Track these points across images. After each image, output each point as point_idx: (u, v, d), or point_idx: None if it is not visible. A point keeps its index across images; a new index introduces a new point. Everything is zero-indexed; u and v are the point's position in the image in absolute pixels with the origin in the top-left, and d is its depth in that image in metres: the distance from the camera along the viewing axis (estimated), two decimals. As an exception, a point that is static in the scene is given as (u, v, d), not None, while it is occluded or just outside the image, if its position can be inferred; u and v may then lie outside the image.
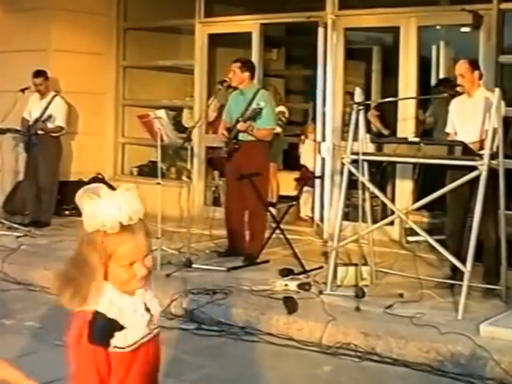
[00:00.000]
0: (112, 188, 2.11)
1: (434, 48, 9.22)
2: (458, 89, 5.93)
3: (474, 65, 6.01)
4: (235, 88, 7.09)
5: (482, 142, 5.64)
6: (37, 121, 8.60)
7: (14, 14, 9.76)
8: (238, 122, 6.84)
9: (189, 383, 4.49)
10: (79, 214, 2.07)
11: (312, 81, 8.76)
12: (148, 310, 2.20)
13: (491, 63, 7.36)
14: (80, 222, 2.09)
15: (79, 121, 9.78)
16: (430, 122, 7.74)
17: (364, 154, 5.88)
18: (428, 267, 6.58)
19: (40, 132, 8.60)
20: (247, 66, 7.06)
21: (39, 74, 8.64)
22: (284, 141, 10.24)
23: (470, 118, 5.91)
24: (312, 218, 8.68)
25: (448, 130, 6.17)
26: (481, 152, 5.45)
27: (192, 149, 7.13)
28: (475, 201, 5.35)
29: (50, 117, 8.53)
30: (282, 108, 9.71)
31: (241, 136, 6.88)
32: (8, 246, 7.48)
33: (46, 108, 8.64)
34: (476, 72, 5.92)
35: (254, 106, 6.80)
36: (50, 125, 8.59)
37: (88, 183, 9.60)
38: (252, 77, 7.12)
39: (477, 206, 5.36)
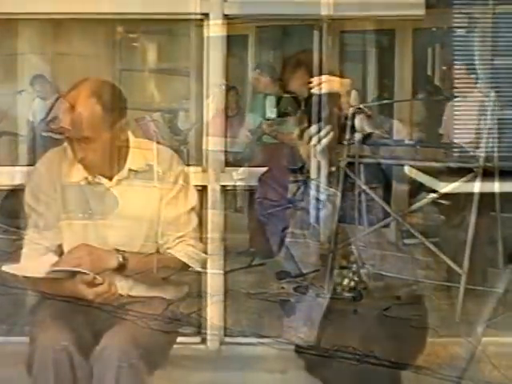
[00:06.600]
0: None
1: (429, 51, 9.25)
2: (453, 91, 5.95)
3: (468, 68, 6.03)
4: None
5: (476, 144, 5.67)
6: (41, 122, 8.59)
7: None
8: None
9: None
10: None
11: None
12: None
13: (486, 66, 7.38)
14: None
15: (76, 124, 9.78)
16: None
17: (360, 156, 5.89)
18: (425, 269, 6.59)
19: (44, 134, 8.61)
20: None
21: (35, 79, 8.63)
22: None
23: (464, 120, 5.93)
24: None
25: (442, 131, 6.19)
26: (476, 154, 5.48)
27: (188, 151, 7.15)
28: (472, 202, 5.38)
29: (55, 118, 8.51)
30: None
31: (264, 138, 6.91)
32: (4, 249, 7.46)
33: (50, 109, 8.64)
34: (472, 75, 5.93)
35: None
36: (53, 126, 8.59)
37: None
38: None
39: (473, 207, 5.37)
